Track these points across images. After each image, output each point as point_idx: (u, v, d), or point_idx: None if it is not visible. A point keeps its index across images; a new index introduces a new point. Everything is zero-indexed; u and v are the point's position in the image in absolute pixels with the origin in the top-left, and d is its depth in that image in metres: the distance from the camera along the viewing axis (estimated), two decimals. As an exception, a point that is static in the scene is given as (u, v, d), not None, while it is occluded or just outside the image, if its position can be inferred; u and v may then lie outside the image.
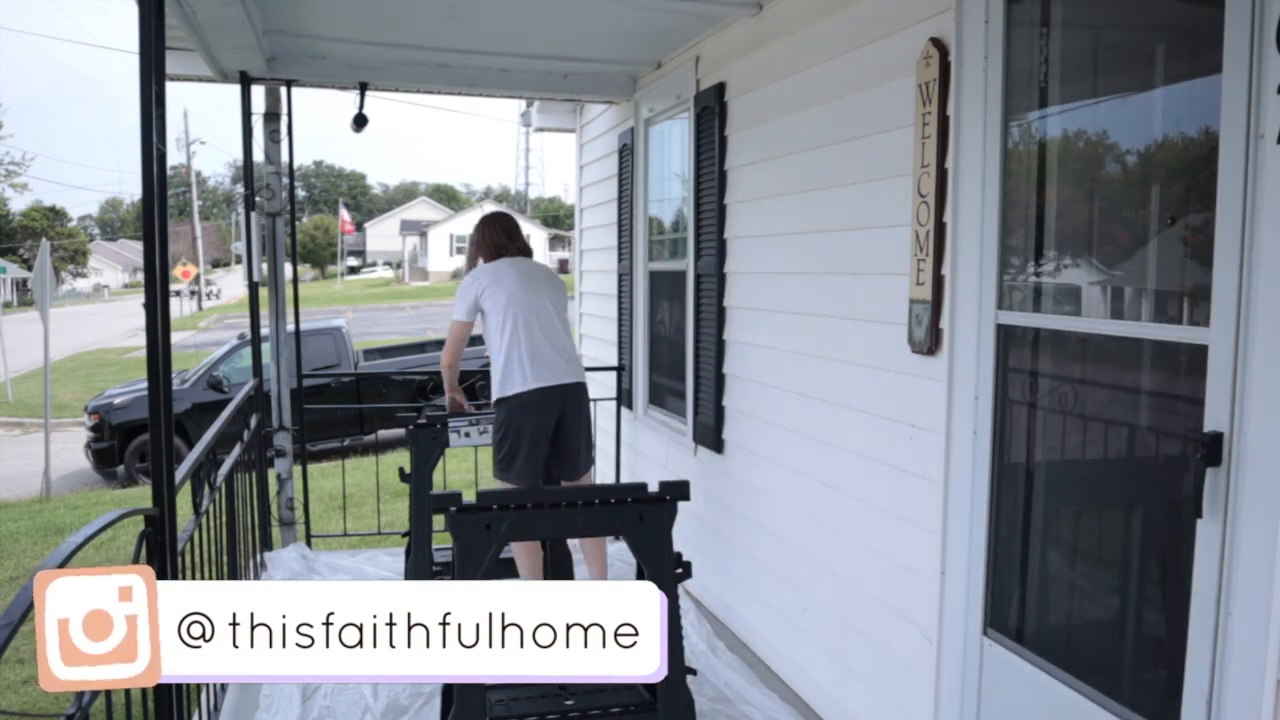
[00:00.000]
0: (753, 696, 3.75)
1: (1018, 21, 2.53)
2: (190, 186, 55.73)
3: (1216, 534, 1.90)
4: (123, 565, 1.71)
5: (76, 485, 11.93)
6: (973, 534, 2.67)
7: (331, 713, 3.60)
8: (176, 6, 3.65)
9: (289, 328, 5.54)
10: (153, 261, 2.35)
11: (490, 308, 4.22)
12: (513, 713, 2.97)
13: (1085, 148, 2.50)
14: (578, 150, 7.03)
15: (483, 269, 4.32)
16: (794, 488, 3.75)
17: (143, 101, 2.32)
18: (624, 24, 4.48)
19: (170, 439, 2.44)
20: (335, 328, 13.01)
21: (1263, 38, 1.80)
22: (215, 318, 38.60)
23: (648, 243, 5.53)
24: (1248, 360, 1.85)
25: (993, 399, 2.61)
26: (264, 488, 5.30)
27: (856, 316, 3.27)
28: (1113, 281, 2.42)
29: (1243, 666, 1.86)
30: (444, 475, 6.93)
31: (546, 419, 4.17)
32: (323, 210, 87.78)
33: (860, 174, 3.23)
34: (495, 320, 4.20)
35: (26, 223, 54.52)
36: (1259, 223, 1.82)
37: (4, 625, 1.47)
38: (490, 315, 4.22)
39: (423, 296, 44.70)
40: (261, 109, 5.39)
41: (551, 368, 4.19)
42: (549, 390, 4.15)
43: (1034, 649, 2.50)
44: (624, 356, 5.87)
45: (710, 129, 4.43)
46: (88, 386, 19.26)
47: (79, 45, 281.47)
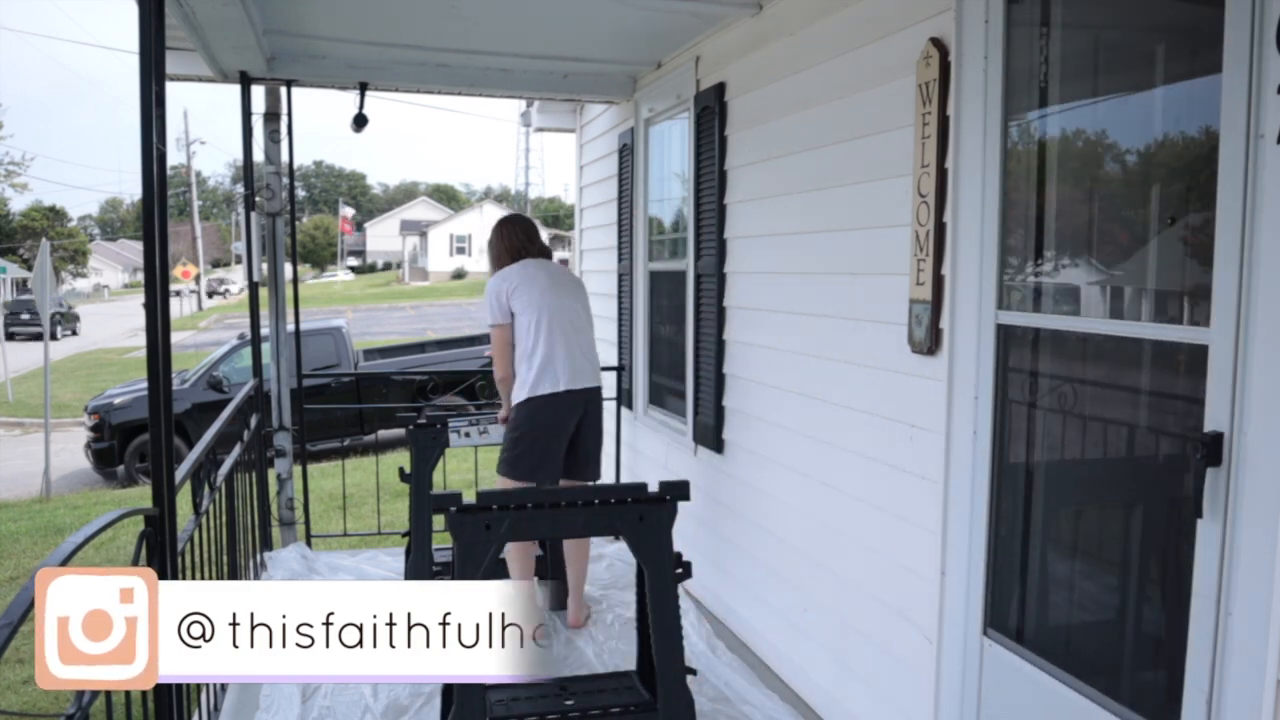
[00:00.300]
0: (753, 696, 3.75)
1: (1018, 21, 2.53)
2: (190, 186, 55.76)
3: (1216, 534, 1.90)
4: (123, 566, 1.71)
5: (76, 485, 11.93)
6: (973, 534, 2.67)
7: (331, 713, 3.60)
8: (176, 6, 3.65)
9: (289, 328, 5.54)
10: (153, 261, 2.35)
11: (520, 308, 4.18)
12: (513, 713, 2.97)
13: (1085, 147, 2.50)
14: (578, 150, 7.03)
15: (510, 270, 4.27)
16: (794, 488, 3.75)
17: (143, 101, 2.32)
18: (624, 24, 4.48)
19: (170, 439, 2.44)
20: (335, 328, 13.01)
21: (1263, 38, 1.80)
22: (215, 318, 38.62)
23: (648, 243, 5.53)
24: (1248, 360, 1.85)
25: (993, 399, 2.61)
26: (264, 488, 5.30)
27: (856, 316, 3.27)
28: (1113, 281, 2.42)
29: (1243, 666, 1.86)
30: (444, 475, 6.93)
31: (568, 422, 4.17)
32: (323, 210, 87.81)
33: (860, 174, 3.23)
34: (526, 320, 4.16)
35: (26, 223, 54.53)
36: (1259, 223, 1.82)
37: (4, 625, 1.47)
38: (520, 315, 4.18)
39: (423, 296, 44.71)
40: (261, 109, 5.39)
41: (581, 371, 4.20)
42: (575, 394, 4.16)
43: (1034, 649, 2.49)
44: (624, 356, 5.87)
45: (710, 129, 4.43)
46: (88, 386, 19.26)
47: (79, 45, 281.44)
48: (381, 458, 9.05)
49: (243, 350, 12.36)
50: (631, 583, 3.74)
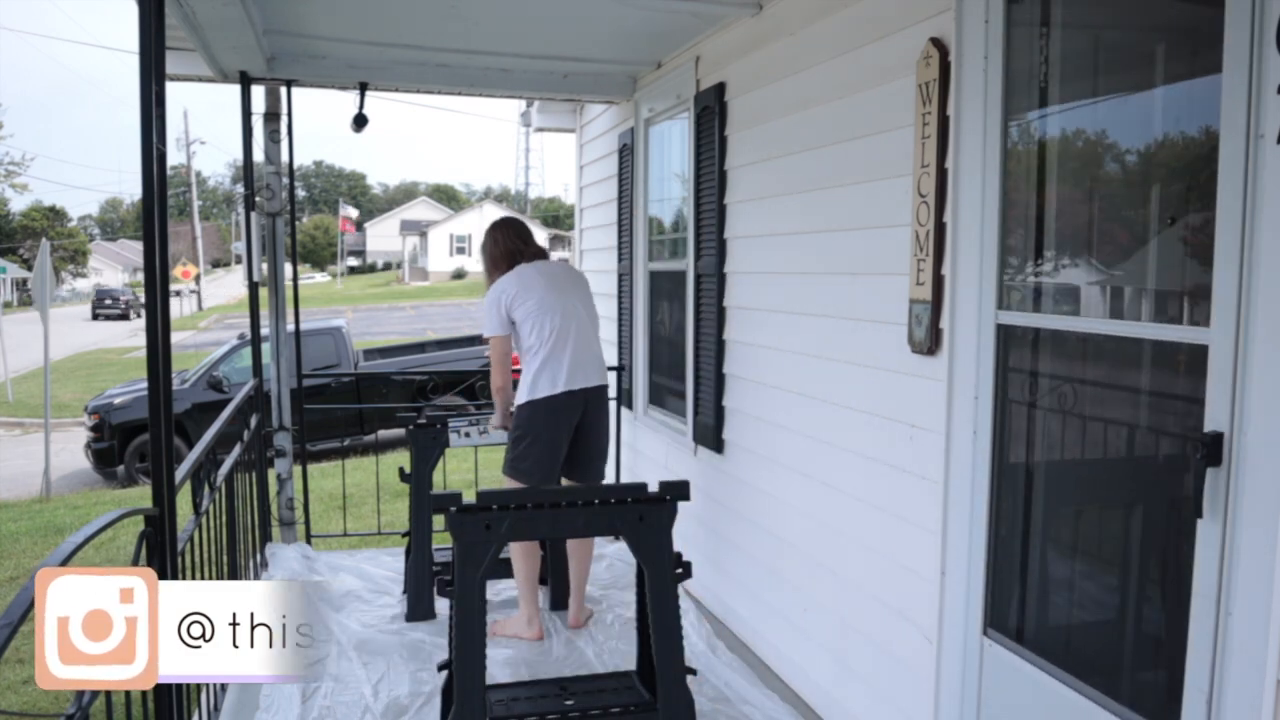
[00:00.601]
0: (753, 696, 3.75)
1: (1018, 21, 2.53)
2: (190, 186, 55.76)
3: (1216, 534, 1.90)
4: (123, 566, 1.71)
5: (76, 485, 11.93)
6: (973, 534, 2.67)
7: (331, 713, 3.60)
8: (176, 6, 3.65)
9: (289, 328, 5.54)
10: (153, 261, 2.35)
11: (521, 316, 4.12)
12: (513, 713, 2.97)
13: (1085, 147, 2.50)
14: (578, 150, 7.03)
15: (507, 278, 4.20)
16: (794, 488, 3.75)
17: (143, 101, 2.32)
18: (624, 24, 4.48)
19: (170, 439, 2.44)
20: (335, 328, 13.01)
21: (1263, 38, 1.80)
22: (215, 318, 38.61)
23: (648, 243, 5.53)
24: (1248, 360, 1.85)
25: (993, 399, 2.61)
26: (264, 488, 5.30)
27: (856, 316, 3.27)
28: (1112, 281, 2.42)
29: (1243, 666, 1.86)
30: (444, 475, 6.93)
31: (566, 422, 4.15)
32: (323, 210, 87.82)
33: (860, 174, 3.23)
34: (527, 328, 4.12)
35: (26, 223, 54.57)
36: (1259, 223, 1.82)
37: (4, 625, 1.47)
38: (522, 324, 4.13)
39: (423, 296, 44.72)
40: (261, 109, 5.39)
41: (584, 370, 4.16)
42: (575, 394, 4.13)
43: (1034, 649, 2.49)
44: (624, 356, 5.87)
45: (710, 129, 4.43)
46: (88, 386, 19.27)
47: (79, 45, 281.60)
48: (381, 458, 9.05)
49: (243, 350, 12.37)
50: (631, 583, 3.74)
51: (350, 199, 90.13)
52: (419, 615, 4.48)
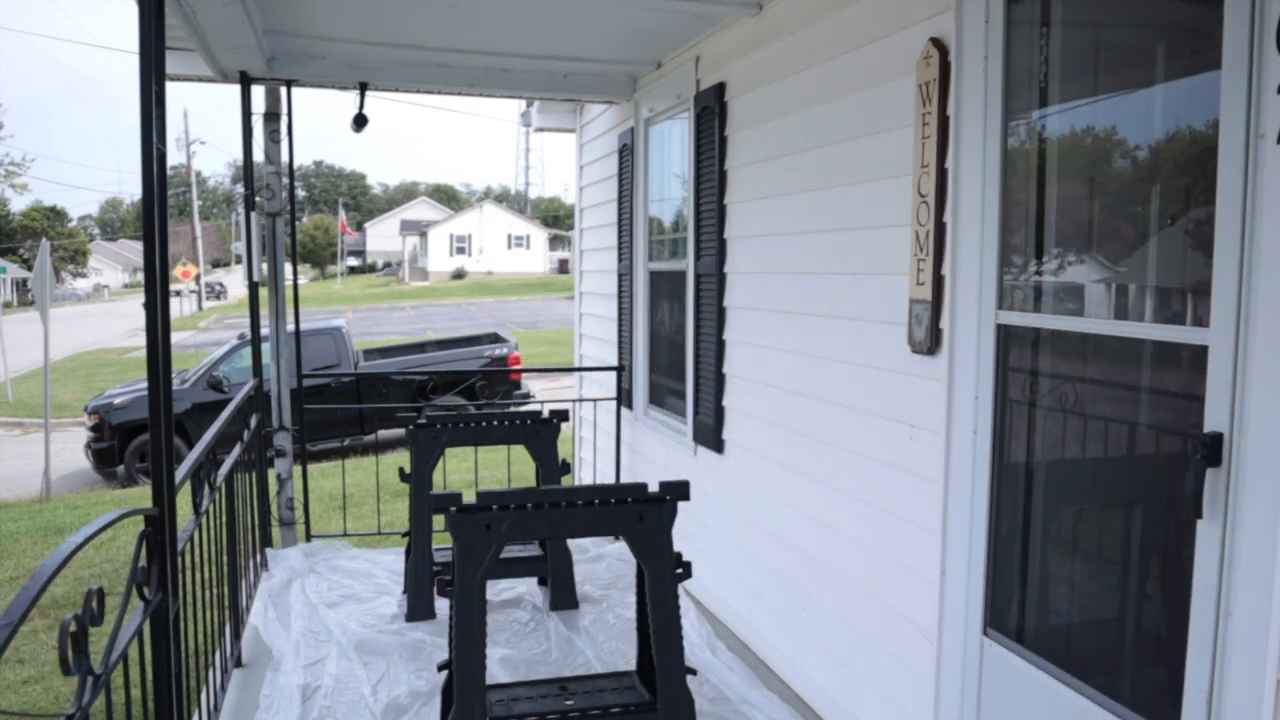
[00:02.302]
0: (753, 697, 3.75)
1: (1018, 21, 2.54)
2: (190, 186, 55.75)
3: (1216, 534, 1.90)
4: (123, 565, 1.71)
5: (76, 485, 11.93)
6: (973, 534, 2.67)
7: (331, 713, 3.60)
8: (176, 6, 3.65)
9: (289, 328, 5.54)
10: (153, 261, 2.35)
11: None
12: (513, 713, 2.97)
13: (1085, 147, 2.50)
14: (578, 150, 7.03)
15: None
16: (794, 488, 3.75)
17: (143, 101, 2.32)
18: (624, 24, 4.48)
19: (170, 439, 2.44)
20: (335, 328, 13.00)
21: (1262, 38, 1.80)
22: (215, 318, 38.61)
23: (648, 243, 5.53)
24: (1248, 360, 1.85)
25: (993, 399, 2.61)
26: (264, 488, 5.30)
27: (856, 316, 3.27)
28: (1112, 281, 2.42)
29: (1243, 666, 1.86)
30: (444, 475, 6.93)
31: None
32: (323, 210, 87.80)
33: (860, 174, 3.23)
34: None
35: (26, 223, 54.58)
36: (1259, 223, 1.82)
37: (4, 625, 1.47)
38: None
39: (423, 296, 44.70)
40: (261, 109, 5.40)
41: None
42: None
43: (1034, 649, 2.50)
44: (624, 356, 5.87)
45: (710, 129, 4.43)
46: (88, 386, 19.27)
47: (79, 45, 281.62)
48: (381, 458, 9.05)
49: (243, 350, 12.37)
50: (631, 583, 3.74)
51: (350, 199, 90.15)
52: (419, 615, 4.48)
